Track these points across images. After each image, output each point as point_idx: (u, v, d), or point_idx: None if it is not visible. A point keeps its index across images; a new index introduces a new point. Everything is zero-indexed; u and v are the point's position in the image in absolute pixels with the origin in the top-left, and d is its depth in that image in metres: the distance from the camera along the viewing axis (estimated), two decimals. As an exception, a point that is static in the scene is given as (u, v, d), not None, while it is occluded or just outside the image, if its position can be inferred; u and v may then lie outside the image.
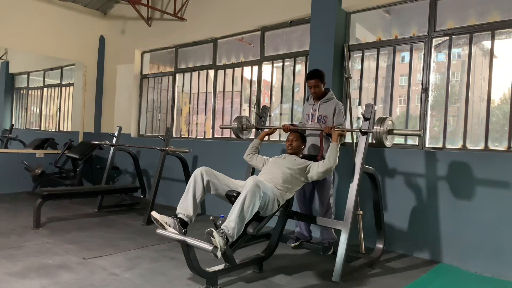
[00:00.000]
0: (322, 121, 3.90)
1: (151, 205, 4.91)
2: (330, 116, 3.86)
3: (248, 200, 2.68)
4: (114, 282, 2.87)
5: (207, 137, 6.29)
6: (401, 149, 4.14)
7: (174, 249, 3.67)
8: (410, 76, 4.25)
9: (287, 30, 5.24)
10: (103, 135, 6.92)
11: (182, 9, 6.31)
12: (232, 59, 5.95)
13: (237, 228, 2.66)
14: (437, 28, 4.03)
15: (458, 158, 3.73)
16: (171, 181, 6.08)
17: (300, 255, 3.85)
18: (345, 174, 4.32)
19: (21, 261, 3.22)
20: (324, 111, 3.91)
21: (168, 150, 5.06)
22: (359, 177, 3.27)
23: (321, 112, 3.92)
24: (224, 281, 2.96)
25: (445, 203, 3.77)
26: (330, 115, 3.87)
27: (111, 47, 7.70)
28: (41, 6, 6.83)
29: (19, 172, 6.57)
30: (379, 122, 3.17)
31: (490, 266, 3.48)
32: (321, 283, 3.07)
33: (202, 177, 2.93)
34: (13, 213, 5.03)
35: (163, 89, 7.08)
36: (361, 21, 4.66)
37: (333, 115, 3.86)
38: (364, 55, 4.58)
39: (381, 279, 3.25)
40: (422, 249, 3.89)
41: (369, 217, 3.95)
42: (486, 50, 3.88)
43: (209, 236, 2.54)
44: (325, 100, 3.93)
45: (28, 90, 8.25)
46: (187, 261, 2.73)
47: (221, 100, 6.19)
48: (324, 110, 3.91)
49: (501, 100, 3.84)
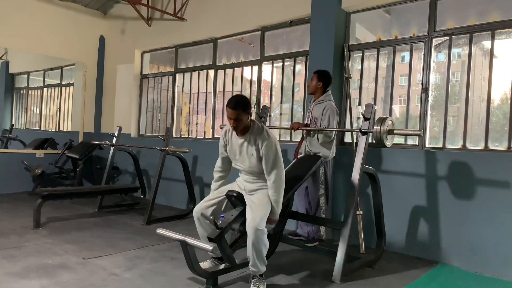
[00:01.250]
0: (313, 122, 3.96)
1: (151, 205, 4.91)
2: (320, 117, 3.89)
3: (256, 246, 2.73)
4: (114, 282, 2.87)
5: (207, 137, 6.29)
6: (401, 149, 4.14)
7: (174, 249, 3.67)
8: (410, 76, 4.25)
9: (287, 30, 5.24)
10: (103, 135, 6.92)
11: (182, 9, 6.31)
12: (232, 59, 5.94)
13: (262, 263, 2.81)
14: (437, 28, 4.03)
15: (458, 158, 3.73)
16: (171, 181, 6.08)
17: (300, 255, 3.85)
18: (345, 174, 4.32)
19: (21, 261, 3.22)
20: (316, 112, 3.96)
21: (168, 150, 5.06)
22: (359, 177, 3.27)
23: (313, 114, 3.99)
24: (224, 281, 2.96)
25: (445, 203, 3.77)
26: (320, 116, 3.90)
27: (111, 47, 7.70)
28: (41, 6, 6.83)
29: (19, 172, 6.57)
30: (379, 122, 3.17)
31: (490, 266, 3.48)
32: (321, 283, 3.07)
33: (198, 218, 3.00)
34: (13, 213, 5.03)
35: (163, 89, 7.08)
36: (361, 21, 4.66)
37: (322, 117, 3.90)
38: (364, 55, 4.58)
39: (381, 279, 3.25)
40: (422, 249, 3.89)
41: (369, 217, 3.95)
42: (486, 50, 3.88)
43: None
44: (319, 102, 3.97)
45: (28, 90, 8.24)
46: (187, 261, 2.72)
47: (221, 100, 6.19)
48: (316, 111, 3.97)
49: (501, 100, 3.84)
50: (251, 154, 2.92)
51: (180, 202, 5.99)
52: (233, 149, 3.04)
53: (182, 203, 5.94)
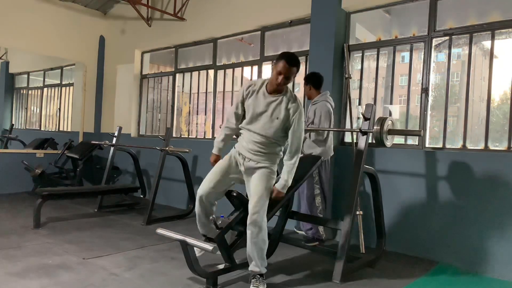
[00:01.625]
0: (310, 122, 4.01)
1: (151, 205, 4.91)
2: (312, 118, 3.95)
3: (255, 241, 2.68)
4: (114, 282, 2.87)
5: (207, 137, 6.29)
6: (401, 149, 4.14)
7: (174, 249, 3.67)
8: (410, 76, 4.25)
9: (287, 30, 5.24)
10: (103, 135, 6.92)
11: (182, 9, 6.31)
12: (232, 59, 5.94)
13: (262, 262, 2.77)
14: (437, 28, 4.03)
15: (458, 158, 3.73)
16: (171, 181, 6.08)
17: (300, 255, 3.85)
18: (345, 174, 4.32)
19: (21, 261, 3.21)
20: (311, 112, 4.02)
21: (168, 150, 5.06)
22: (359, 177, 3.27)
23: (309, 114, 4.07)
24: (224, 281, 2.96)
25: (445, 203, 3.77)
26: (312, 116, 3.97)
27: (111, 47, 7.70)
28: (41, 6, 6.83)
29: (19, 172, 6.57)
30: (379, 122, 3.17)
31: (490, 266, 3.48)
32: (321, 283, 3.07)
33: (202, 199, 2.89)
34: (13, 213, 5.03)
35: (163, 89, 7.08)
36: (361, 21, 4.66)
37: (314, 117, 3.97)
38: (364, 55, 4.58)
39: (381, 279, 3.25)
40: (422, 249, 3.88)
41: (369, 217, 3.95)
42: (486, 50, 3.88)
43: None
44: (315, 102, 4.04)
45: (28, 90, 8.24)
46: (187, 261, 2.72)
47: (221, 100, 6.19)
48: (311, 111, 4.04)
49: (501, 100, 3.84)
50: (276, 117, 2.73)
51: (180, 202, 5.99)
52: (255, 105, 2.80)
53: (182, 203, 5.93)
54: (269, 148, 2.81)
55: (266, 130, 2.77)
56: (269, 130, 2.77)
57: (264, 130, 2.78)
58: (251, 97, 2.83)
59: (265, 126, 2.78)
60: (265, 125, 2.78)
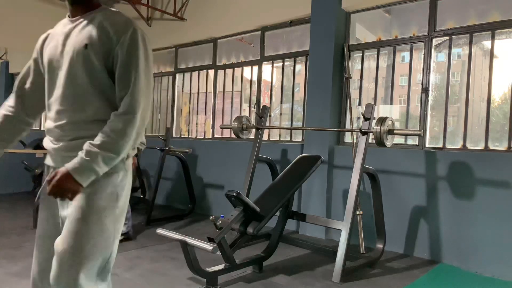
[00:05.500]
0: None
1: (151, 205, 4.91)
2: None
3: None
4: (114, 282, 2.86)
5: (207, 137, 6.29)
6: (401, 149, 4.14)
7: (174, 249, 3.67)
8: (410, 76, 4.25)
9: (287, 30, 5.24)
10: (103, 135, 6.91)
11: (182, 9, 6.31)
12: (232, 59, 5.94)
13: None
14: (437, 28, 4.03)
15: (458, 158, 3.73)
16: (171, 181, 6.08)
17: (300, 255, 3.85)
18: (345, 174, 4.32)
19: (21, 261, 3.22)
20: None
21: (168, 150, 5.06)
22: (359, 177, 3.27)
23: None
24: (224, 281, 2.96)
25: (445, 203, 3.77)
26: None
27: (111, 47, 7.69)
28: (41, 6, 6.82)
29: (19, 172, 6.57)
30: (379, 122, 3.17)
31: (490, 266, 3.47)
32: (321, 283, 3.07)
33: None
34: (13, 213, 5.03)
35: (163, 89, 7.08)
36: (361, 21, 4.66)
37: None
38: (364, 55, 4.58)
39: (381, 279, 3.25)
40: (422, 249, 3.89)
41: (369, 217, 3.95)
42: (486, 50, 3.88)
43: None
44: None
45: (28, 90, 8.23)
46: (187, 261, 2.73)
47: (221, 100, 6.19)
48: None
49: (501, 100, 3.84)
50: (82, 47, 1.48)
51: (180, 202, 5.99)
52: (50, 56, 1.63)
53: (182, 203, 5.93)
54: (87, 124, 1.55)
55: (68, 84, 1.55)
56: (72, 81, 1.59)
57: (64, 86, 1.57)
58: (46, 49, 1.84)
59: (66, 81, 1.56)
60: (65, 77, 1.60)
